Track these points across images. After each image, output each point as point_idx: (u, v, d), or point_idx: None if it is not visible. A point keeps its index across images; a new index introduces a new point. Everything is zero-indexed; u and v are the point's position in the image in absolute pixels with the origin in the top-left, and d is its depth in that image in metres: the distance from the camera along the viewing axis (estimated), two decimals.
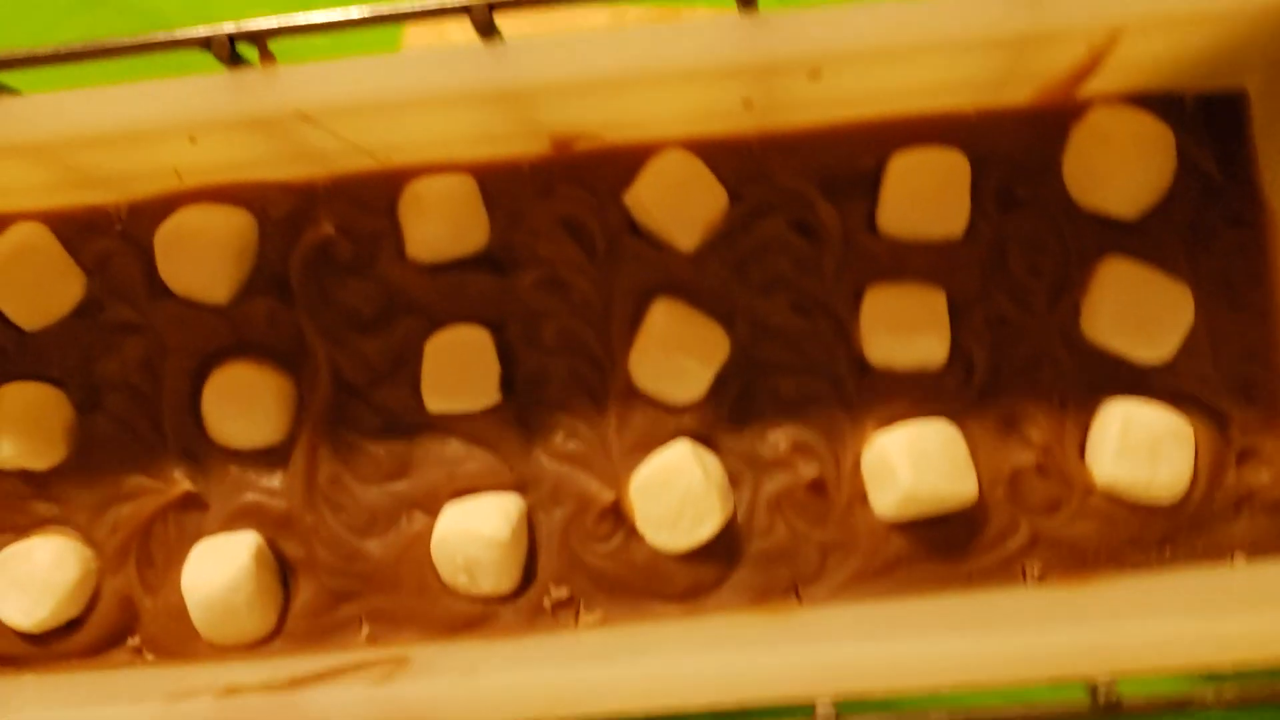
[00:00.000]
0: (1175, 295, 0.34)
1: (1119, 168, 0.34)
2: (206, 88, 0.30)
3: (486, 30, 0.29)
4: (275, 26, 0.30)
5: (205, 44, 0.30)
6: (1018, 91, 0.34)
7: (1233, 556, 0.35)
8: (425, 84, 0.29)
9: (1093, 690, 0.28)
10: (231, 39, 0.30)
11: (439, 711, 0.30)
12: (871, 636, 0.31)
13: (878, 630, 0.31)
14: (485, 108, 0.31)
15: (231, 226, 0.36)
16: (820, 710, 0.29)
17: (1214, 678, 0.29)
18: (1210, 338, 0.35)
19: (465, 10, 0.29)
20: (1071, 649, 0.29)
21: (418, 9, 0.29)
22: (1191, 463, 0.34)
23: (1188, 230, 0.35)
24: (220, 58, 0.30)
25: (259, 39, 0.30)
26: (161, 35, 0.30)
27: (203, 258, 0.35)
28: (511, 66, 0.29)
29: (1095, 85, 0.34)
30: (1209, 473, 0.34)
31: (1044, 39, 0.29)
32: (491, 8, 0.29)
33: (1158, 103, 0.35)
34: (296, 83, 0.30)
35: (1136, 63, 0.33)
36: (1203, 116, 0.35)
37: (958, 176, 0.35)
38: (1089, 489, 0.34)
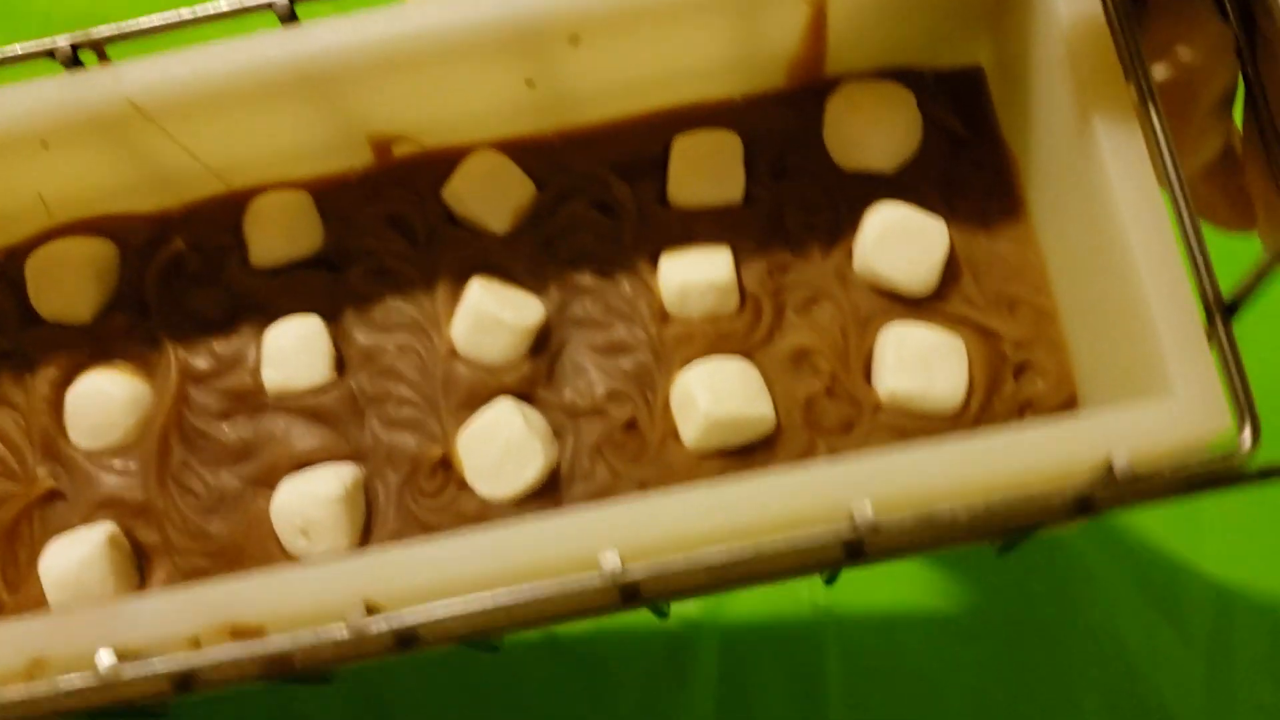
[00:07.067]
0: (931, 227, 0.38)
1: (871, 129, 0.39)
2: (47, 87, 0.35)
3: (288, 20, 0.35)
4: (111, 34, 0.35)
5: (50, 54, 0.35)
6: (775, 77, 0.40)
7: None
8: (227, 65, 0.34)
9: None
10: (74, 47, 0.35)
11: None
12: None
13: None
14: (294, 95, 0.36)
15: (95, 253, 0.40)
16: (606, 565, 0.30)
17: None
18: (972, 267, 0.38)
19: (269, 6, 0.35)
20: (831, 480, 0.31)
21: (230, 9, 0.35)
22: (966, 373, 0.37)
23: (942, 179, 0.39)
24: (63, 62, 0.35)
25: (98, 45, 0.35)
26: (7, 51, 0.35)
27: (67, 282, 0.39)
28: (305, 41, 0.34)
29: (841, 65, 0.39)
30: (986, 384, 0.37)
31: None
32: (293, 2, 0.35)
33: (900, 77, 0.40)
34: (123, 73, 0.34)
35: (871, 42, 0.38)
36: (945, 89, 0.40)
37: (732, 151, 0.39)
38: (877, 406, 0.37)
